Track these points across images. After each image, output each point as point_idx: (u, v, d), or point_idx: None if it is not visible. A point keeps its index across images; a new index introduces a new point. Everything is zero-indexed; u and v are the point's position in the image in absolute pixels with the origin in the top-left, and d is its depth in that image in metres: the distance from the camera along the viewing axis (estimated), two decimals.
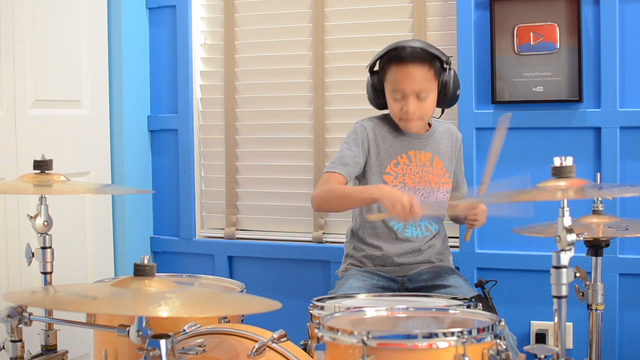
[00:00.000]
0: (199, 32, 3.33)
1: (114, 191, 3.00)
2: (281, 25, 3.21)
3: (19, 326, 1.80)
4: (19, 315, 1.77)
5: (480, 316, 1.82)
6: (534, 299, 2.85)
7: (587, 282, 2.19)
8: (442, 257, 2.54)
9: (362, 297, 2.16)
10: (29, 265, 2.17)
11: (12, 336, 1.84)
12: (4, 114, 2.70)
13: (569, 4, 2.75)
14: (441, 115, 2.57)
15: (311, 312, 1.99)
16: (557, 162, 1.76)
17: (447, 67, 2.41)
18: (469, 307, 1.95)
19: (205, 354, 1.70)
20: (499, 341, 1.64)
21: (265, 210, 3.27)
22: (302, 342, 1.92)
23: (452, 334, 1.59)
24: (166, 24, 3.33)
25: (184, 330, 1.78)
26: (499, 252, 2.90)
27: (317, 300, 2.05)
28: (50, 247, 2.15)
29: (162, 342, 1.47)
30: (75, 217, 2.99)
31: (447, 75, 2.41)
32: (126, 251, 3.23)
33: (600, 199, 2.30)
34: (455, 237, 2.92)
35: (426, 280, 2.47)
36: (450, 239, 2.66)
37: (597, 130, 2.77)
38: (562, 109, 2.79)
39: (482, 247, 2.92)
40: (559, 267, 1.68)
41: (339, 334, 1.64)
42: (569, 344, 2.81)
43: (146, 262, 1.54)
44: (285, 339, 1.74)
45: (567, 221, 1.68)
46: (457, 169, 2.60)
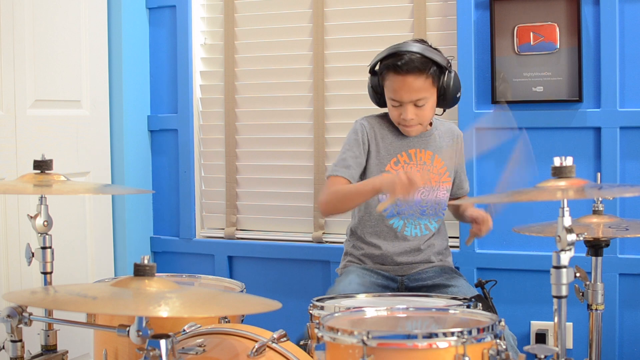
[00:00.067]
0: (199, 32, 3.33)
1: (114, 191, 3.00)
2: (281, 25, 3.21)
3: (19, 326, 1.80)
4: (19, 315, 1.77)
5: (480, 316, 1.82)
6: (534, 299, 2.85)
7: (587, 282, 2.19)
8: (442, 256, 2.54)
9: (362, 297, 2.16)
10: (29, 265, 2.16)
11: (12, 336, 1.84)
12: (4, 114, 2.70)
13: (569, 4, 2.75)
14: (442, 113, 2.57)
15: (311, 312, 1.99)
16: (557, 162, 1.76)
17: (447, 70, 2.40)
18: (469, 307, 1.95)
19: (205, 354, 1.70)
20: (499, 341, 1.64)
21: (265, 210, 3.27)
22: (301, 342, 1.92)
23: (452, 334, 1.59)
24: (166, 24, 3.33)
25: (184, 330, 1.78)
26: (499, 252, 2.90)
27: (317, 300, 2.05)
28: (50, 247, 2.15)
29: (162, 342, 1.47)
30: (75, 217, 2.99)
31: (447, 78, 2.39)
32: (126, 251, 3.23)
33: (600, 199, 2.30)
34: (455, 237, 2.92)
35: (426, 279, 2.47)
36: (450, 239, 2.66)
37: (597, 130, 2.77)
38: (562, 109, 2.79)
39: (482, 247, 2.92)
40: (559, 267, 1.68)
41: (339, 334, 1.64)
42: (569, 344, 2.81)
43: (146, 262, 1.54)
44: (285, 339, 1.74)
45: (567, 221, 1.68)
46: (458, 167, 2.60)
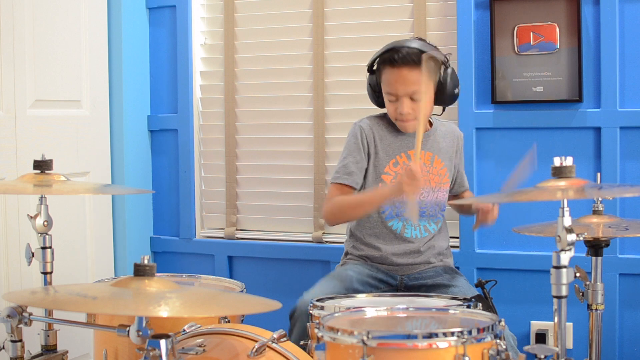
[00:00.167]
0: (199, 32, 3.33)
1: (114, 191, 3.00)
2: (281, 25, 3.21)
3: (19, 326, 1.80)
4: (19, 315, 1.77)
5: (480, 316, 1.82)
6: (534, 299, 2.84)
7: (587, 282, 2.19)
8: (442, 257, 2.54)
9: (362, 297, 2.16)
10: (29, 265, 2.17)
11: (12, 336, 1.84)
12: (4, 114, 2.70)
13: (569, 4, 2.75)
14: (442, 113, 2.57)
15: (311, 312, 1.99)
16: (557, 162, 1.76)
17: (444, 66, 2.40)
18: (469, 307, 1.95)
19: (205, 354, 1.70)
20: (499, 341, 1.64)
21: (265, 210, 3.26)
22: (301, 342, 1.92)
23: (452, 334, 1.59)
24: (166, 24, 3.33)
25: (184, 330, 1.78)
26: (499, 252, 2.89)
27: (317, 300, 2.05)
28: (50, 247, 2.15)
29: (162, 342, 1.47)
30: (75, 217, 2.99)
31: (444, 73, 2.40)
32: (126, 251, 3.23)
33: (600, 199, 2.30)
34: (455, 237, 2.92)
35: (426, 279, 2.47)
36: (450, 239, 2.65)
37: (597, 130, 2.77)
38: (562, 109, 2.79)
39: (482, 247, 2.92)
40: (559, 267, 1.68)
41: (339, 334, 1.64)
42: (569, 344, 2.81)
43: (146, 262, 1.54)
44: (285, 339, 1.74)
45: (567, 221, 1.68)
46: (459, 166, 2.60)
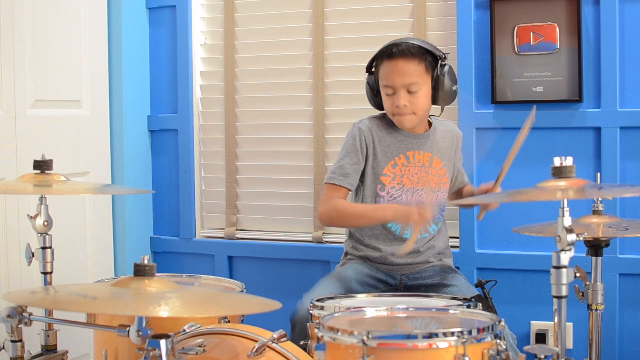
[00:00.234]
0: (199, 32, 3.33)
1: (114, 191, 3.00)
2: (281, 25, 3.21)
3: (19, 326, 1.80)
4: (19, 315, 1.77)
5: (480, 316, 1.82)
6: (534, 299, 2.85)
7: (587, 282, 2.19)
8: (441, 256, 2.54)
9: (362, 297, 2.16)
10: (29, 265, 2.16)
11: (12, 336, 1.84)
12: (4, 114, 2.70)
13: (569, 4, 2.75)
14: (441, 113, 2.57)
15: (311, 312, 1.99)
16: (557, 162, 1.76)
17: (442, 63, 2.40)
18: (469, 307, 1.95)
19: (205, 354, 1.70)
20: (499, 341, 1.64)
21: (265, 210, 3.26)
22: (301, 342, 1.92)
23: (452, 334, 1.59)
24: (166, 24, 3.33)
25: (184, 330, 1.78)
26: (499, 252, 2.89)
27: (317, 300, 2.05)
28: (50, 247, 2.15)
29: (162, 342, 1.47)
30: (75, 217, 2.99)
31: (441, 70, 2.40)
32: (126, 251, 3.23)
33: (600, 199, 2.30)
34: (455, 237, 2.92)
35: (425, 279, 2.47)
36: (450, 238, 2.65)
37: (597, 130, 2.77)
38: (562, 109, 2.79)
39: (482, 247, 2.92)
40: (559, 267, 1.68)
41: (339, 334, 1.64)
42: (569, 344, 2.81)
43: (146, 262, 1.54)
44: (285, 339, 1.74)
45: (567, 221, 1.68)
46: (458, 164, 2.60)
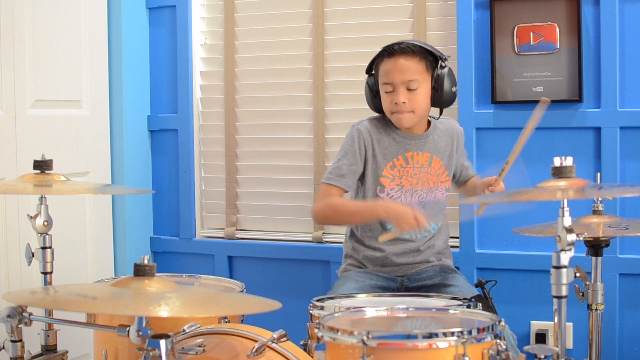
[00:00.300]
0: (199, 32, 3.33)
1: (114, 191, 3.00)
2: (281, 25, 3.21)
3: (19, 326, 1.80)
4: (19, 315, 1.77)
5: (480, 316, 1.82)
6: (534, 299, 2.85)
7: (587, 282, 2.19)
8: (441, 256, 2.53)
9: (362, 297, 2.16)
10: (29, 265, 2.17)
11: (12, 336, 1.84)
12: (4, 114, 2.70)
13: (569, 4, 2.75)
14: (439, 116, 2.56)
15: (311, 312, 1.99)
16: (557, 162, 1.76)
17: (442, 64, 2.40)
18: (469, 307, 1.95)
19: (205, 354, 1.70)
20: (499, 341, 1.64)
21: (265, 210, 3.26)
22: (302, 342, 1.92)
23: (452, 334, 1.59)
24: (166, 24, 3.33)
25: (184, 330, 1.78)
26: (499, 252, 2.89)
27: (317, 300, 2.05)
28: (50, 247, 2.15)
29: (162, 342, 1.47)
30: (75, 217, 2.99)
31: (441, 71, 2.40)
32: (126, 251, 3.23)
33: (600, 199, 2.30)
34: (455, 237, 2.92)
35: (425, 279, 2.47)
36: (450, 238, 2.65)
37: (597, 130, 2.77)
38: (562, 109, 2.79)
39: (482, 247, 2.92)
40: (559, 267, 1.68)
41: (339, 334, 1.64)
42: (569, 344, 2.81)
43: (146, 262, 1.54)
44: (285, 339, 1.74)
45: (567, 221, 1.68)
46: (460, 157, 2.58)
